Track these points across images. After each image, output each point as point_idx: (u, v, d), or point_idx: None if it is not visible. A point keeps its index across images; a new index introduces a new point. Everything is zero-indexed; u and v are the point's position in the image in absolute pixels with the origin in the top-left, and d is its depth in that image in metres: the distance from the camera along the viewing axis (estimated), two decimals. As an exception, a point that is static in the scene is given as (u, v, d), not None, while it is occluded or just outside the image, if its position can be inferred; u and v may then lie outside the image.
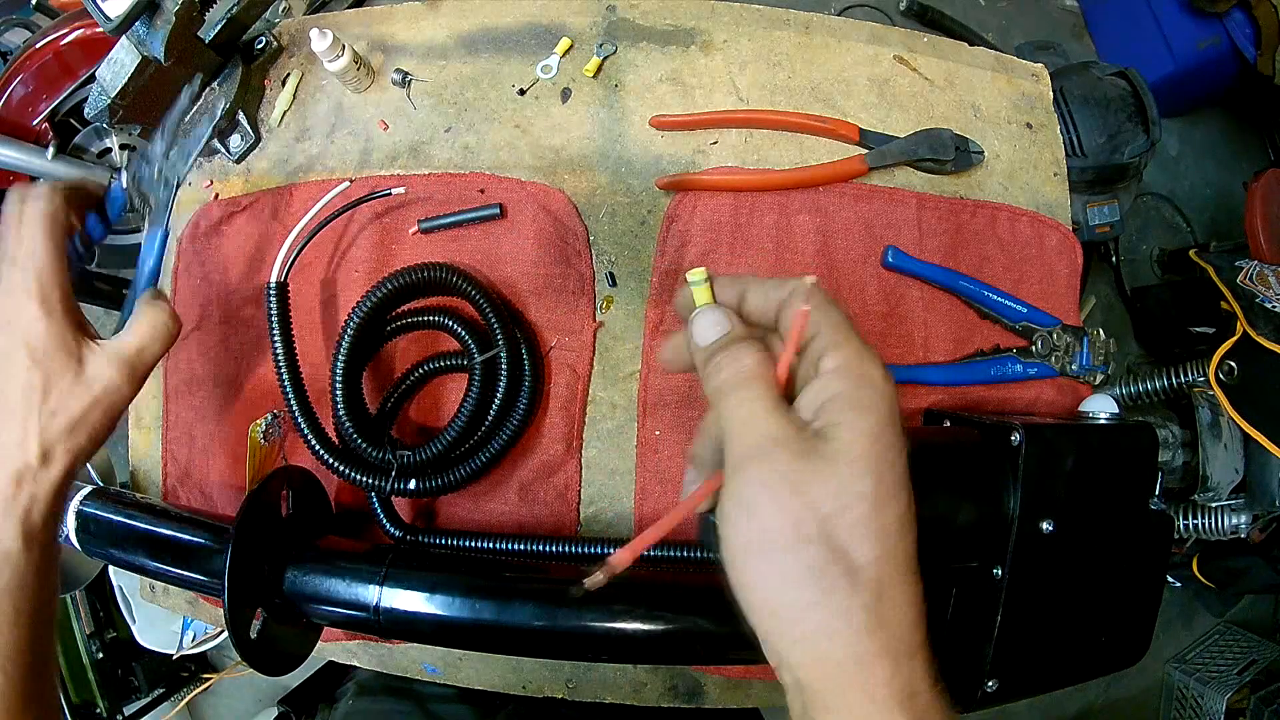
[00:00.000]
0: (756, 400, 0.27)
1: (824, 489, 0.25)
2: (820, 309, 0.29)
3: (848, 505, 0.25)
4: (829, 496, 0.25)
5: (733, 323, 0.30)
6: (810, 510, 0.25)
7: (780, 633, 0.25)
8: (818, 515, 0.25)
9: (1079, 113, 1.01)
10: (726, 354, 0.29)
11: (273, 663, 0.47)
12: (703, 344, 0.30)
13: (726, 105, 0.60)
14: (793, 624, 0.25)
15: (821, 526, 0.25)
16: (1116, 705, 1.64)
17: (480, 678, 0.59)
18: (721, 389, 0.28)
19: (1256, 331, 0.99)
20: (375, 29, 0.64)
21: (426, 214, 0.58)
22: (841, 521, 0.25)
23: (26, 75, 1.33)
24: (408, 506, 0.57)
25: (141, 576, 0.62)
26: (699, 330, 0.30)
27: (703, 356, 0.30)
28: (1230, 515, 1.08)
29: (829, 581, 0.24)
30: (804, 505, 0.25)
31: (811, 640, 0.25)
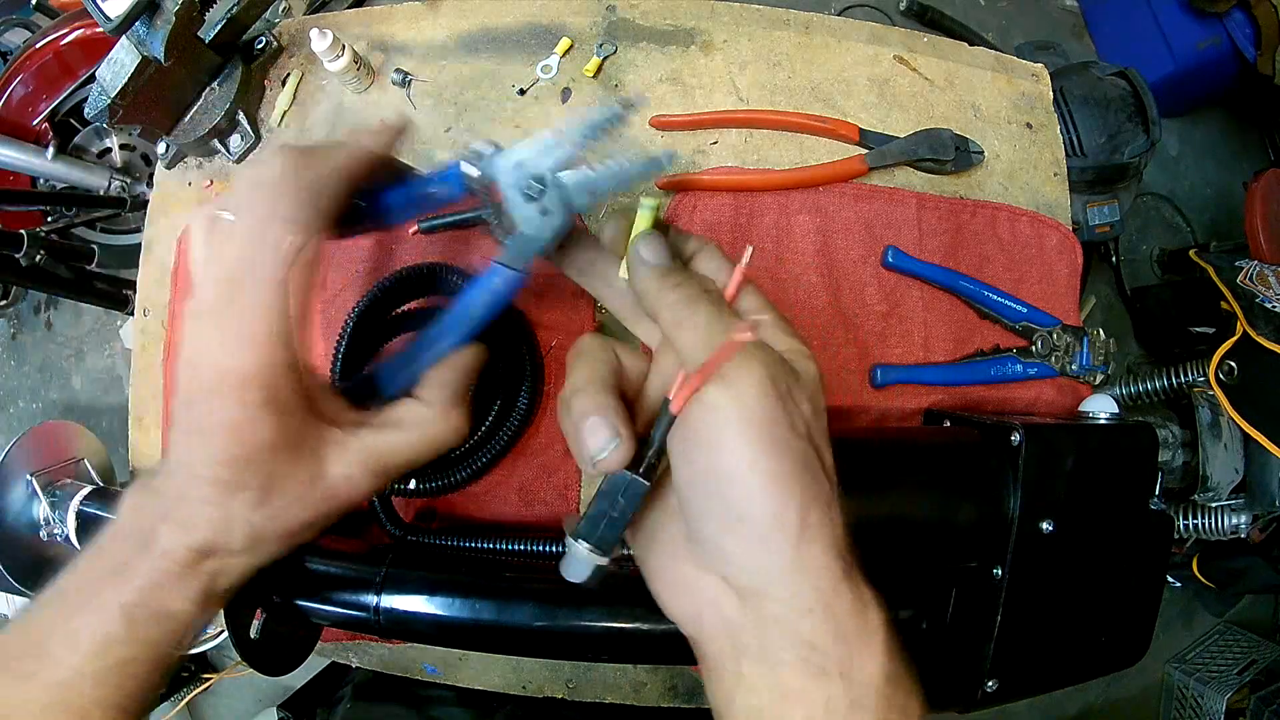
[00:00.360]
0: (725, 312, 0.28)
1: (802, 395, 0.27)
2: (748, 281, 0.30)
3: (816, 415, 0.27)
4: (806, 404, 0.27)
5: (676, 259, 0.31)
6: (799, 413, 0.26)
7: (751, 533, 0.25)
8: (804, 418, 0.26)
9: (1079, 113, 1.01)
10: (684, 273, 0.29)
11: (273, 663, 0.47)
12: (656, 262, 0.30)
13: (726, 105, 0.60)
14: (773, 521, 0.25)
15: (804, 431, 0.26)
16: (1116, 705, 1.64)
17: (480, 678, 0.59)
18: (688, 300, 0.28)
19: (1256, 331, 0.99)
20: (375, 29, 0.64)
21: (426, 214, 0.58)
22: (815, 429, 0.27)
23: (26, 75, 1.34)
24: (408, 506, 0.57)
25: (141, 576, 0.62)
26: (653, 251, 0.30)
27: (656, 275, 0.29)
28: (1230, 515, 1.08)
29: (813, 477, 0.26)
30: (795, 407, 0.26)
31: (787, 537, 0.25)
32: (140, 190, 1.47)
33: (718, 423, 0.25)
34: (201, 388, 0.29)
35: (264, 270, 0.29)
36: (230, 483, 0.29)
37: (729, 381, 0.26)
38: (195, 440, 0.29)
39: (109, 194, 1.44)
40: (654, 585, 0.30)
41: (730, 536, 0.26)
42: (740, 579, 0.26)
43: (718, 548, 0.26)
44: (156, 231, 0.67)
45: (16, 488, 0.59)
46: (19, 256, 1.20)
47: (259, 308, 0.28)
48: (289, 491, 0.30)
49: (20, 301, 1.78)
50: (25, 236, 1.20)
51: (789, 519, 0.25)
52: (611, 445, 0.27)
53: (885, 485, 0.45)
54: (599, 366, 0.30)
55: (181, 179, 0.66)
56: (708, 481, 0.26)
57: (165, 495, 0.30)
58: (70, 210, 1.42)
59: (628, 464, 0.27)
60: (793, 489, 0.25)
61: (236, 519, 0.29)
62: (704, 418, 0.26)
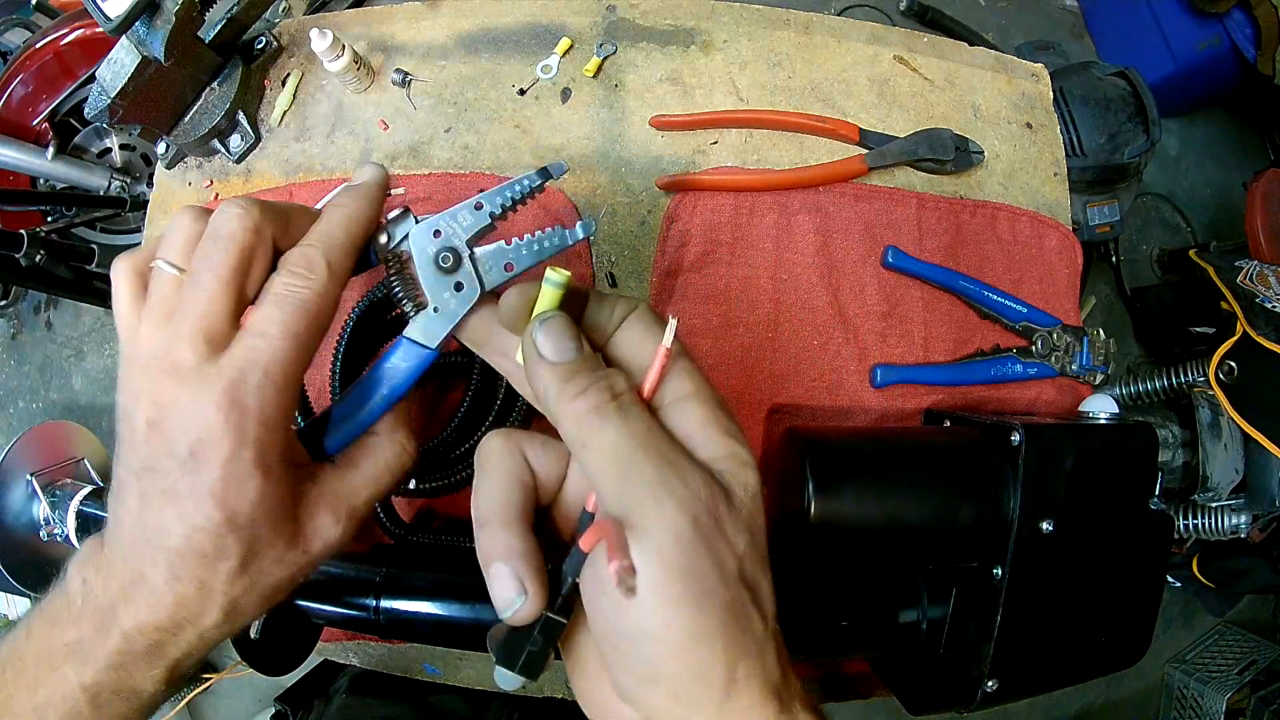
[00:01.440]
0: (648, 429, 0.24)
1: (736, 525, 0.24)
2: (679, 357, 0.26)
3: (752, 543, 0.24)
4: (741, 535, 0.24)
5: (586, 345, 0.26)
6: (730, 550, 0.23)
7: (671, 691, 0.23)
8: (736, 554, 0.23)
9: (1079, 113, 1.01)
10: (595, 375, 0.25)
11: (273, 663, 0.47)
12: (557, 359, 0.25)
13: (726, 105, 0.60)
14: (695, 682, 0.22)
15: (735, 569, 0.23)
16: (1116, 705, 1.64)
17: (481, 678, 0.59)
18: (593, 412, 0.24)
19: (1256, 331, 0.99)
20: (375, 29, 0.64)
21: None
22: (750, 559, 0.24)
23: (26, 75, 1.33)
24: (408, 506, 0.57)
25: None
26: (553, 343, 0.25)
27: (555, 374, 0.25)
28: (1230, 515, 1.08)
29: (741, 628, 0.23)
30: (725, 544, 0.23)
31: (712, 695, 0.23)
32: (140, 190, 1.47)
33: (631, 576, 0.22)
34: (172, 450, 0.25)
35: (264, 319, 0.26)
36: (211, 553, 0.26)
37: (641, 532, 0.22)
38: (161, 511, 0.25)
39: (109, 194, 1.44)
40: (581, 702, 0.28)
41: (648, 692, 0.23)
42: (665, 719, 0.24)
43: (636, 699, 0.24)
44: (156, 231, 0.67)
45: (16, 488, 0.59)
46: (19, 256, 1.19)
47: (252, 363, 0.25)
48: (269, 554, 0.27)
49: (20, 301, 1.78)
50: (25, 236, 1.20)
51: (714, 678, 0.22)
52: (518, 603, 0.24)
53: (885, 485, 0.45)
54: (505, 485, 0.27)
55: (181, 179, 0.66)
56: (620, 640, 0.23)
57: (118, 572, 0.26)
58: (70, 210, 1.42)
59: (536, 615, 0.24)
60: (717, 646, 0.22)
61: (214, 593, 0.26)
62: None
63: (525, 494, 0.27)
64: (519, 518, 0.26)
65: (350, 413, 0.30)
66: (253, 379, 0.25)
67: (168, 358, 0.25)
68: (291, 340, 0.26)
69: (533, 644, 0.26)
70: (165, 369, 0.25)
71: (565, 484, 0.28)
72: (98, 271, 1.37)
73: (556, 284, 0.26)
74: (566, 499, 0.29)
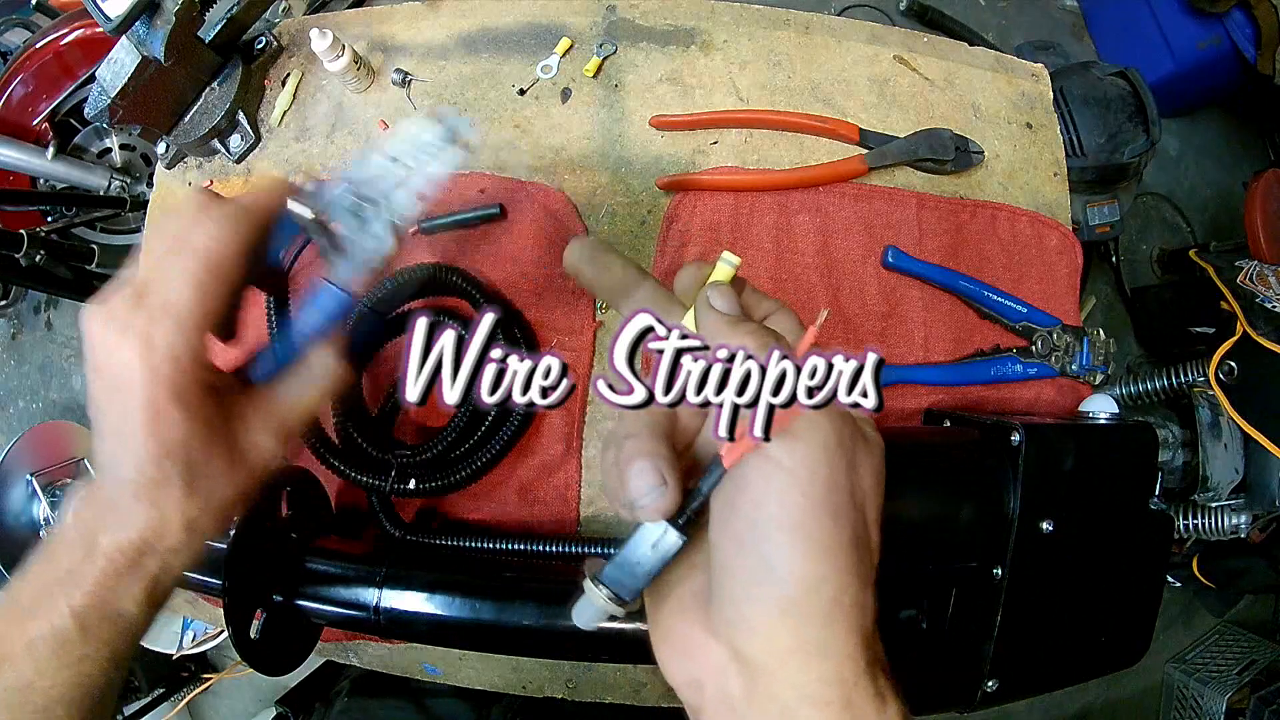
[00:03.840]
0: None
1: (867, 466, 0.25)
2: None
3: (875, 489, 0.26)
4: (869, 476, 0.25)
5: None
6: (859, 484, 0.25)
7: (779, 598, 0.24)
8: (861, 491, 0.25)
9: (1079, 113, 1.01)
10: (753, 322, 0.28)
11: (273, 663, 0.47)
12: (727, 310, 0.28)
13: (726, 105, 0.60)
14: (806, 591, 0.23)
15: (861, 503, 0.25)
16: (1116, 705, 1.64)
17: (480, 678, 0.59)
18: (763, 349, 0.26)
19: (1256, 331, 0.99)
20: (375, 29, 0.64)
21: (426, 214, 0.58)
22: (871, 504, 0.25)
23: (26, 75, 1.33)
24: (408, 506, 0.57)
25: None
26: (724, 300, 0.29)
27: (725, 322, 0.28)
28: (1230, 515, 1.08)
29: (859, 555, 0.24)
30: (857, 477, 0.25)
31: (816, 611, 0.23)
32: (140, 190, 1.46)
33: (774, 476, 0.24)
34: (111, 391, 0.29)
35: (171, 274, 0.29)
36: (156, 480, 0.29)
37: (795, 435, 0.24)
38: (115, 443, 0.30)
39: (109, 194, 1.44)
40: (657, 644, 0.29)
41: (755, 599, 0.24)
42: (753, 650, 0.24)
43: (737, 610, 0.25)
44: (156, 231, 0.67)
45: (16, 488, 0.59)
46: (19, 256, 1.19)
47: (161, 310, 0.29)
48: (212, 475, 0.31)
49: (20, 301, 1.78)
50: (25, 236, 1.20)
51: (824, 592, 0.23)
52: (656, 492, 0.25)
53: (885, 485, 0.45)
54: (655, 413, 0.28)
55: (181, 179, 0.66)
56: (747, 533, 0.24)
57: (99, 501, 0.31)
58: (70, 210, 1.41)
59: (674, 506, 0.25)
60: (836, 561, 0.23)
61: (170, 513, 0.30)
62: (760, 468, 0.24)
63: (668, 421, 0.28)
64: (664, 436, 0.27)
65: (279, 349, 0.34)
66: (162, 323, 0.28)
67: (108, 305, 0.29)
68: (194, 287, 0.29)
69: (642, 560, 0.26)
70: (103, 315, 0.29)
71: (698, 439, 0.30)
72: (98, 271, 1.37)
73: (730, 264, 0.29)
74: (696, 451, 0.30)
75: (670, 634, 0.28)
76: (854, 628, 0.24)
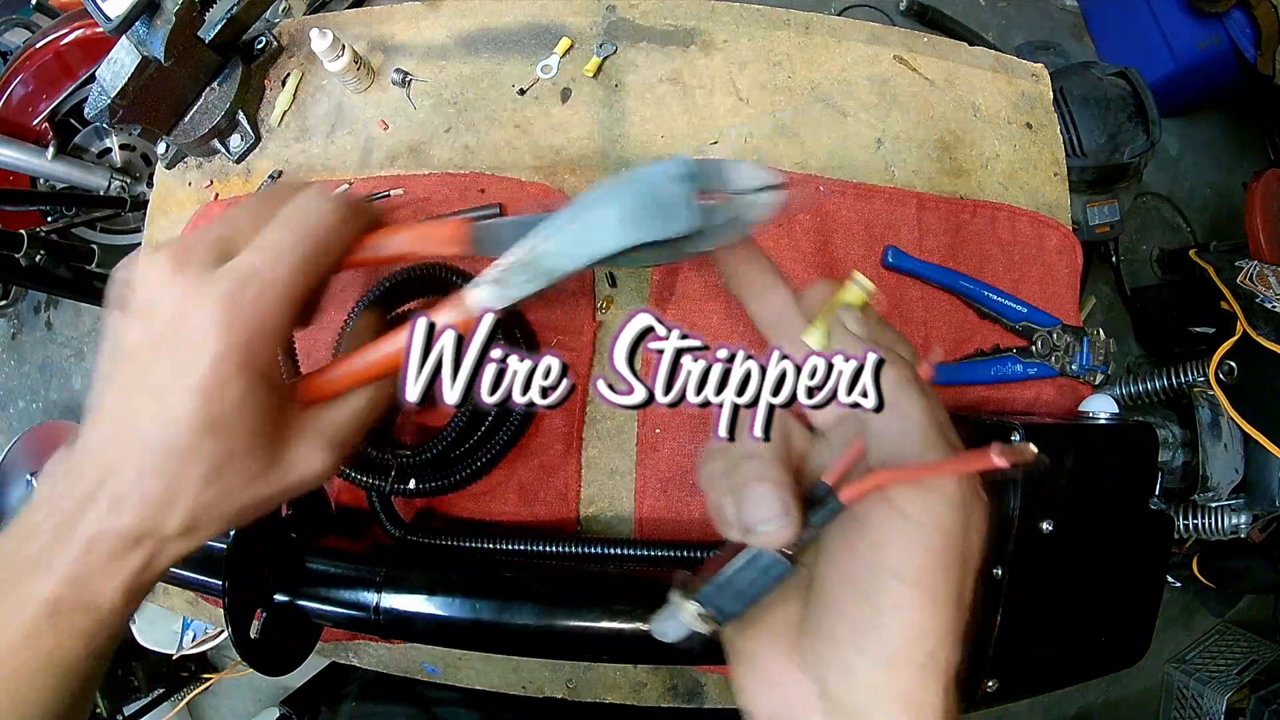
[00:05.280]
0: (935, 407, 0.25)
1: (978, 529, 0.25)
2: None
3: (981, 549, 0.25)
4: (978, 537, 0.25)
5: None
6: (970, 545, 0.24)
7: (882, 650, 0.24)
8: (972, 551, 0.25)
9: (1079, 113, 1.01)
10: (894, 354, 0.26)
11: (273, 663, 0.47)
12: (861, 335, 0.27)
13: (727, 105, 0.60)
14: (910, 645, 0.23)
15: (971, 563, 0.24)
16: (1116, 705, 1.64)
17: (480, 678, 0.59)
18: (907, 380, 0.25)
19: (1256, 331, 0.99)
20: (375, 29, 0.64)
21: (426, 214, 0.58)
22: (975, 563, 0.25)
23: (26, 75, 1.34)
24: (408, 506, 0.57)
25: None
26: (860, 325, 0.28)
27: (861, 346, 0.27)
28: (1230, 515, 1.08)
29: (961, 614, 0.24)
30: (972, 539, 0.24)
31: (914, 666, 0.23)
32: (140, 190, 1.47)
33: (901, 527, 0.23)
34: (161, 338, 0.25)
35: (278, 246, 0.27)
36: (185, 450, 0.25)
37: (928, 488, 0.23)
38: (141, 400, 0.26)
39: (109, 194, 1.44)
40: (739, 669, 0.28)
41: (856, 647, 0.24)
42: (846, 695, 0.24)
43: (837, 654, 0.24)
44: (156, 231, 0.67)
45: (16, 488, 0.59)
46: (19, 256, 1.20)
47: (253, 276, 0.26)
48: (246, 469, 0.27)
49: (20, 301, 1.78)
50: (25, 236, 1.20)
51: (925, 647, 0.23)
52: (780, 523, 0.24)
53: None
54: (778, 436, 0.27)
55: (181, 179, 0.66)
56: (862, 580, 0.24)
57: (85, 474, 0.26)
58: (70, 210, 1.42)
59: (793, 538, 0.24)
60: (943, 619, 0.23)
61: (181, 496, 0.26)
62: (887, 516, 0.24)
63: (789, 446, 0.28)
64: (785, 461, 0.26)
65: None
66: (252, 288, 0.26)
67: (182, 257, 0.26)
68: (292, 260, 0.27)
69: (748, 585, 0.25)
70: (174, 266, 0.26)
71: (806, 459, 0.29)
72: (98, 271, 1.37)
73: (865, 289, 0.29)
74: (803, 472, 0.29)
75: (755, 660, 0.27)
76: (943, 681, 0.24)
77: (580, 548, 0.51)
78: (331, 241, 0.29)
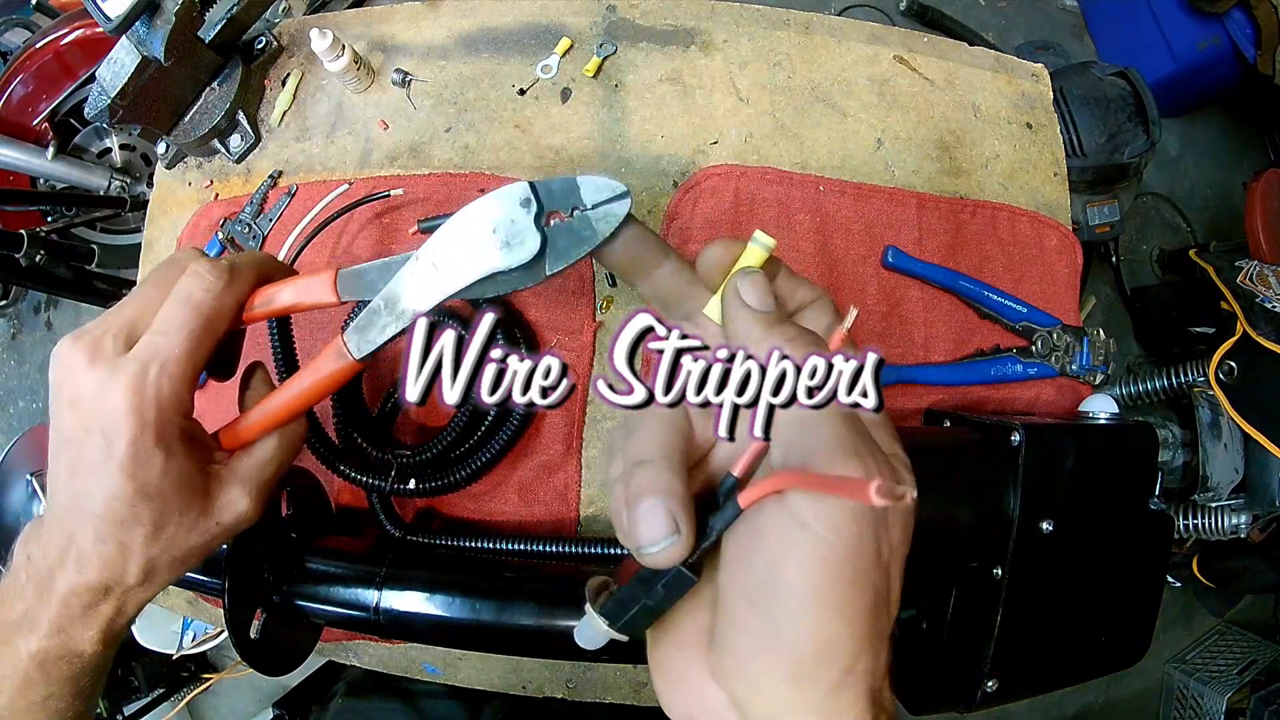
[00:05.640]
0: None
1: (896, 519, 0.23)
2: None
3: (903, 542, 0.24)
4: (899, 530, 0.23)
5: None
6: (887, 540, 0.23)
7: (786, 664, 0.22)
8: (891, 545, 0.23)
9: (1079, 113, 1.01)
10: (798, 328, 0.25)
11: (273, 663, 0.47)
12: (760, 309, 0.26)
13: (727, 105, 0.60)
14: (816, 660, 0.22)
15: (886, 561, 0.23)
16: (1116, 705, 1.64)
17: (480, 678, 0.59)
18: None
19: (1256, 331, 0.99)
20: (375, 29, 0.64)
21: (426, 214, 0.58)
22: (896, 559, 0.23)
23: (26, 75, 1.34)
24: (407, 506, 0.57)
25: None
26: (757, 294, 0.26)
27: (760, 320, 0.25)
28: (1230, 515, 1.08)
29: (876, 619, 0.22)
30: (885, 534, 0.23)
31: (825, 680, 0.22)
32: (140, 190, 1.47)
33: (795, 536, 0.21)
34: (89, 426, 0.29)
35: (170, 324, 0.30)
36: (127, 518, 0.30)
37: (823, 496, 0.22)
38: (86, 479, 0.29)
39: (109, 194, 1.44)
40: (655, 672, 0.27)
41: (761, 661, 0.23)
42: (755, 707, 0.23)
43: (742, 666, 0.23)
44: (156, 231, 0.67)
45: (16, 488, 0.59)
46: (19, 256, 1.20)
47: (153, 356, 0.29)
48: (181, 521, 0.31)
49: (20, 301, 1.78)
50: (25, 236, 1.20)
51: (836, 661, 0.22)
52: (667, 542, 0.22)
53: (885, 485, 0.45)
54: (668, 432, 0.26)
55: (181, 179, 0.66)
56: (759, 594, 0.22)
57: (55, 541, 0.31)
58: (70, 210, 1.42)
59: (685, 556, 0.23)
60: (855, 629, 0.22)
61: (133, 554, 0.30)
62: (780, 523, 0.22)
63: (685, 443, 0.26)
64: (680, 464, 0.25)
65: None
66: (153, 369, 0.29)
67: (94, 348, 0.30)
68: (186, 336, 0.30)
69: (650, 598, 0.25)
70: (89, 357, 0.29)
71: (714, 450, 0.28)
72: (98, 271, 1.37)
73: (764, 246, 0.27)
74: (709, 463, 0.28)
75: (668, 666, 0.27)
76: (863, 690, 0.22)
77: (580, 548, 0.51)
78: (220, 310, 0.31)
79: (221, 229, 0.62)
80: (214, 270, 0.31)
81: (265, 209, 0.62)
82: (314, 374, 0.33)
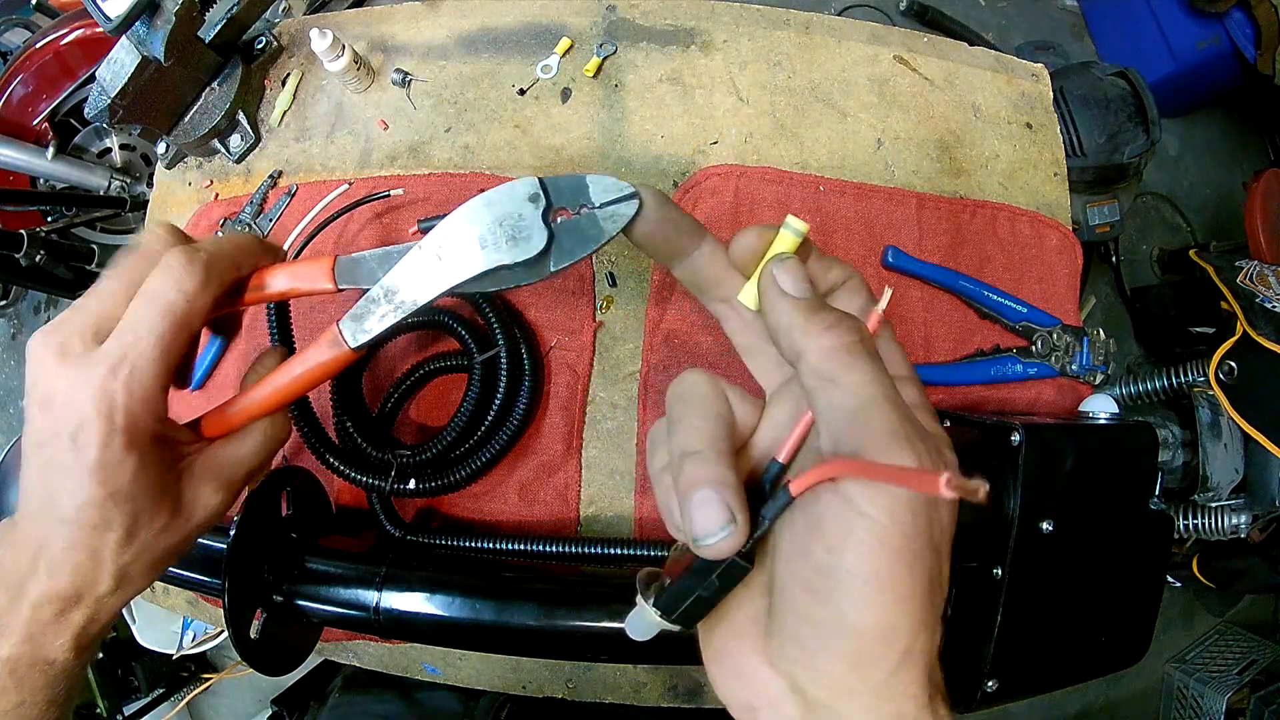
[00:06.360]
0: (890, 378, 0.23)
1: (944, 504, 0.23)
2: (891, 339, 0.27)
3: (952, 521, 0.24)
4: (947, 510, 0.23)
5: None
6: (939, 522, 0.23)
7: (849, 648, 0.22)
8: (940, 529, 0.23)
9: (1079, 113, 1.01)
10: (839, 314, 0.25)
11: (273, 663, 0.47)
12: (798, 295, 0.26)
13: (727, 105, 0.60)
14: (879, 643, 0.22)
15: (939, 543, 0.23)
16: (1116, 705, 1.64)
17: (480, 677, 0.59)
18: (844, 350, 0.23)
19: (1256, 331, 0.99)
20: (375, 29, 0.64)
21: (426, 214, 0.58)
22: (947, 539, 0.23)
23: (26, 75, 1.34)
24: (408, 506, 0.57)
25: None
26: (794, 280, 0.26)
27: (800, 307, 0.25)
28: (1230, 515, 1.08)
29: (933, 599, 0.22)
30: (937, 515, 0.23)
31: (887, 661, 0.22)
32: (140, 190, 1.47)
33: (852, 522, 0.22)
34: (58, 430, 0.28)
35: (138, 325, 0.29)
36: (99, 523, 0.29)
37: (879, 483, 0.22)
38: (56, 482, 0.29)
39: (109, 194, 1.44)
40: (710, 663, 0.27)
41: (823, 647, 0.23)
42: (816, 691, 0.23)
43: (803, 653, 0.23)
44: (156, 231, 0.67)
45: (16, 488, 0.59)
46: (19, 256, 1.20)
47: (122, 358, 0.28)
48: (154, 525, 0.30)
49: (20, 301, 1.78)
50: (25, 236, 1.20)
51: (896, 643, 0.22)
52: (724, 532, 0.22)
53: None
54: (713, 422, 0.25)
55: (181, 179, 0.66)
56: (819, 581, 0.22)
57: (26, 546, 0.30)
58: (70, 210, 1.42)
59: (740, 546, 0.23)
60: (913, 611, 0.22)
61: (105, 561, 0.30)
62: (837, 511, 0.22)
63: (730, 433, 0.26)
64: (728, 455, 0.25)
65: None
66: (123, 371, 0.28)
67: (63, 346, 0.29)
68: (157, 336, 0.29)
69: (705, 588, 0.24)
70: (58, 356, 0.29)
71: (755, 436, 0.27)
72: (98, 271, 1.37)
73: (797, 231, 0.27)
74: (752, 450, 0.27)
75: (724, 656, 0.27)
76: (921, 670, 0.23)
77: (580, 548, 0.51)
78: (193, 310, 0.30)
79: (221, 229, 0.62)
80: (188, 266, 0.30)
81: (265, 209, 0.62)
82: (305, 362, 0.32)
